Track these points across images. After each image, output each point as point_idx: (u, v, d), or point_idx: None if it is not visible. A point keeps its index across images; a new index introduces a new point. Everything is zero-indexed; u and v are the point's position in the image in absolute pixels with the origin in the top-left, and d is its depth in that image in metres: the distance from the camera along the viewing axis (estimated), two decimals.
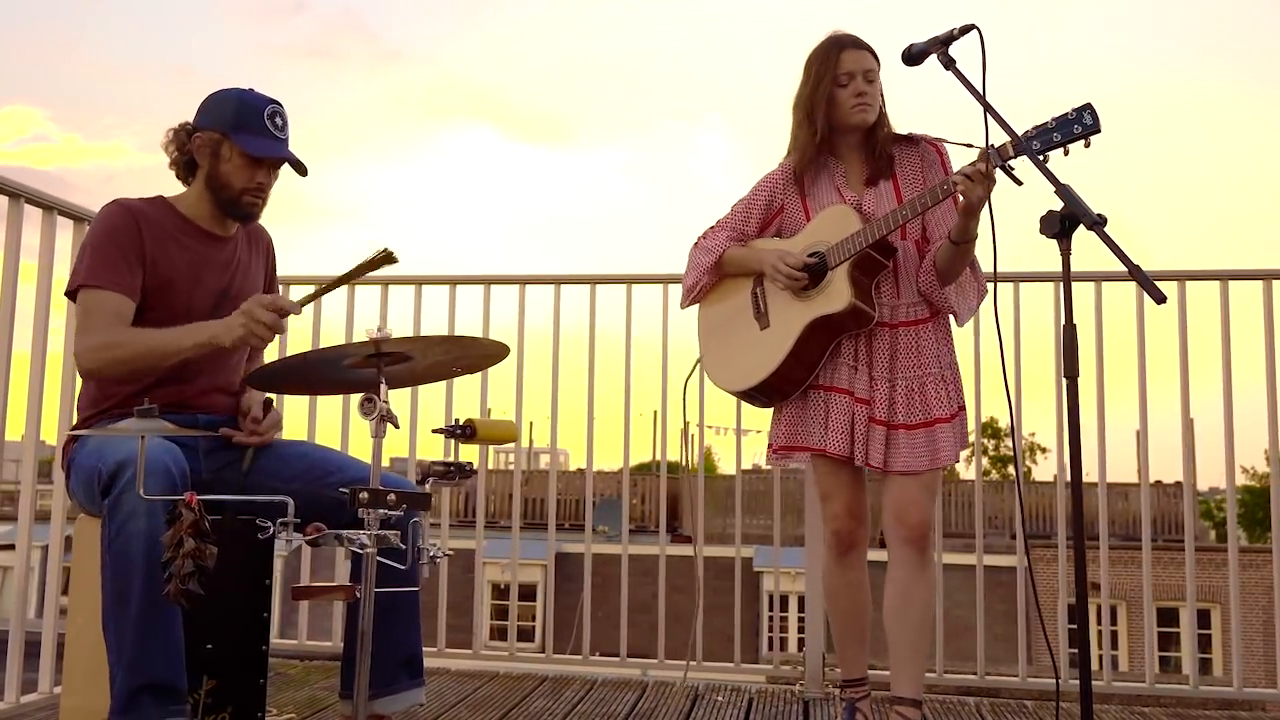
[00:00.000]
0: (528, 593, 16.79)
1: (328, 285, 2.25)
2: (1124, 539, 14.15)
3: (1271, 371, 3.10)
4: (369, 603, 1.79)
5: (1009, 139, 2.14)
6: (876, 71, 2.42)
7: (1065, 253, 1.98)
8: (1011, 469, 35.45)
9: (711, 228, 2.61)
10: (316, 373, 1.93)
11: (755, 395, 2.52)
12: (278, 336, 2.15)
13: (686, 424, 3.80)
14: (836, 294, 2.37)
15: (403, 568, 2.05)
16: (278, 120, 2.28)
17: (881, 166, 2.47)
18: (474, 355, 1.99)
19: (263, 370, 1.90)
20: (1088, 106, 2.08)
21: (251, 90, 2.30)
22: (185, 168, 2.32)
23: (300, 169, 2.30)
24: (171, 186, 2.34)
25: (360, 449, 3.29)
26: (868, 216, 2.38)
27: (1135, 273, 1.87)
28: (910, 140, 2.49)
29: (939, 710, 3.01)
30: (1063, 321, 1.99)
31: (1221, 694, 3.16)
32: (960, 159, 2.35)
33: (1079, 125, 2.07)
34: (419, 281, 3.51)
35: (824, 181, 2.50)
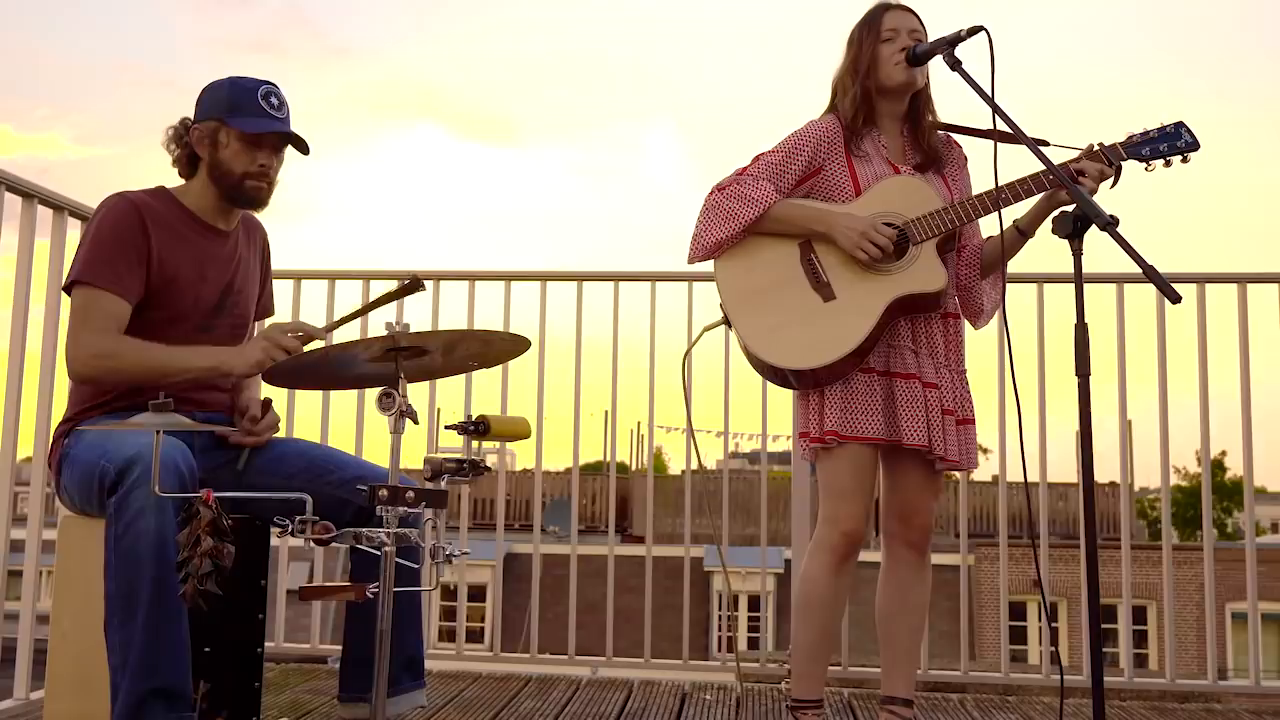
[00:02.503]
0: (475, 593, 16.65)
1: (355, 313, 2.24)
2: (1063, 538, 14.46)
3: (1246, 376, 3.17)
4: (388, 603, 1.75)
5: (1118, 141, 2.21)
6: (922, 33, 2.31)
7: (1077, 253, 2.00)
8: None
9: (742, 174, 2.33)
10: (333, 369, 1.88)
11: (807, 375, 2.27)
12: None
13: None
14: (930, 272, 2.25)
15: (416, 566, 2.02)
16: (273, 100, 2.22)
17: (930, 156, 2.37)
18: (494, 350, 1.95)
19: (281, 366, 1.86)
20: (1183, 123, 2.18)
21: (243, 75, 2.25)
22: (188, 163, 2.26)
23: (302, 146, 2.25)
24: (108, 181, 2.28)
25: (340, 442, 3.23)
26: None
27: (1150, 273, 1.89)
28: (947, 140, 2.43)
29: (925, 706, 3.03)
30: (1074, 321, 2.00)
31: (1196, 687, 3.23)
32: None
33: (1180, 141, 2.18)
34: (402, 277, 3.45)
35: (870, 150, 2.35)
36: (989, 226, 2.43)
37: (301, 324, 2.08)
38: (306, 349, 2.07)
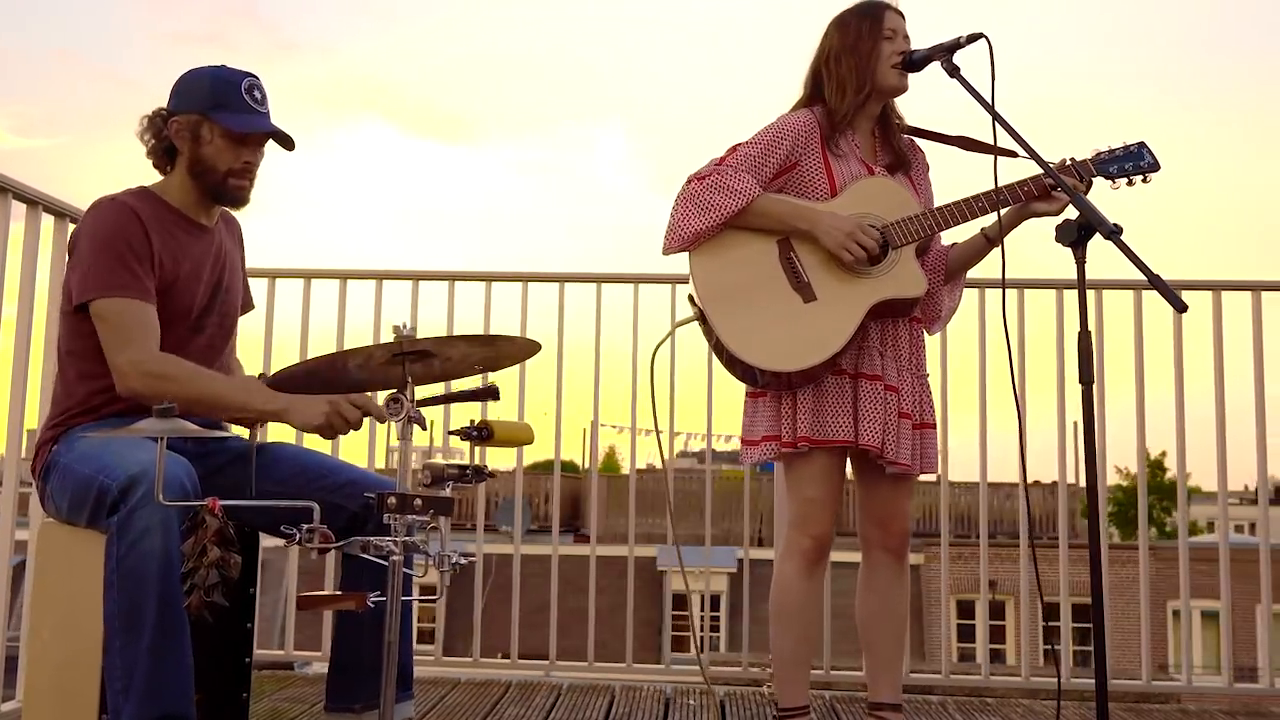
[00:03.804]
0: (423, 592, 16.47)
1: (430, 400, 2.11)
2: (1009, 536, 14.65)
3: (1214, 382, 3.23)
4: (397, 612, 1.71)
5: (1087, 158, 2.24)
6: (910, 40, 2.30)
7: (1080, 261, 2.02)
8: None
9: (721, 165, 2.27)
10: (339, 374, 1.83)
11: (782, 376, 2.23)
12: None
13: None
14: (913, 277, 2.25)
15: (413, 574, 1.98)
16: (256, 94, 2.15)
17: (899, 159, 2.37)
18: (501, 353, 1.92)
19: (286, 371, 1.81)
20: (1144, 144, 2.23)
21: (224, 66, 2.17)
22: (165, 155, 2.19)
23: (287, 143, 2.19)
24: (48, 172, 2.20)
25: (314, 443, 3.16)
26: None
27: (1155, 282, 1.91)
28: (911, 145, 2.44)
29: (905, 709, 3.04)
30: (1078, 329, 2.01)
31: (1172, 689, 3.28)
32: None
33: (1143, 161, 2.23)
34: (380, 276, 3.40)
35: (846, 149, 2.33)
36: (952, 233, 2.47)
37: (369, 401, 1.99)
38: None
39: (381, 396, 1.78)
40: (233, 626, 2.16)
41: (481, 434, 1.95)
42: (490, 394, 1.92)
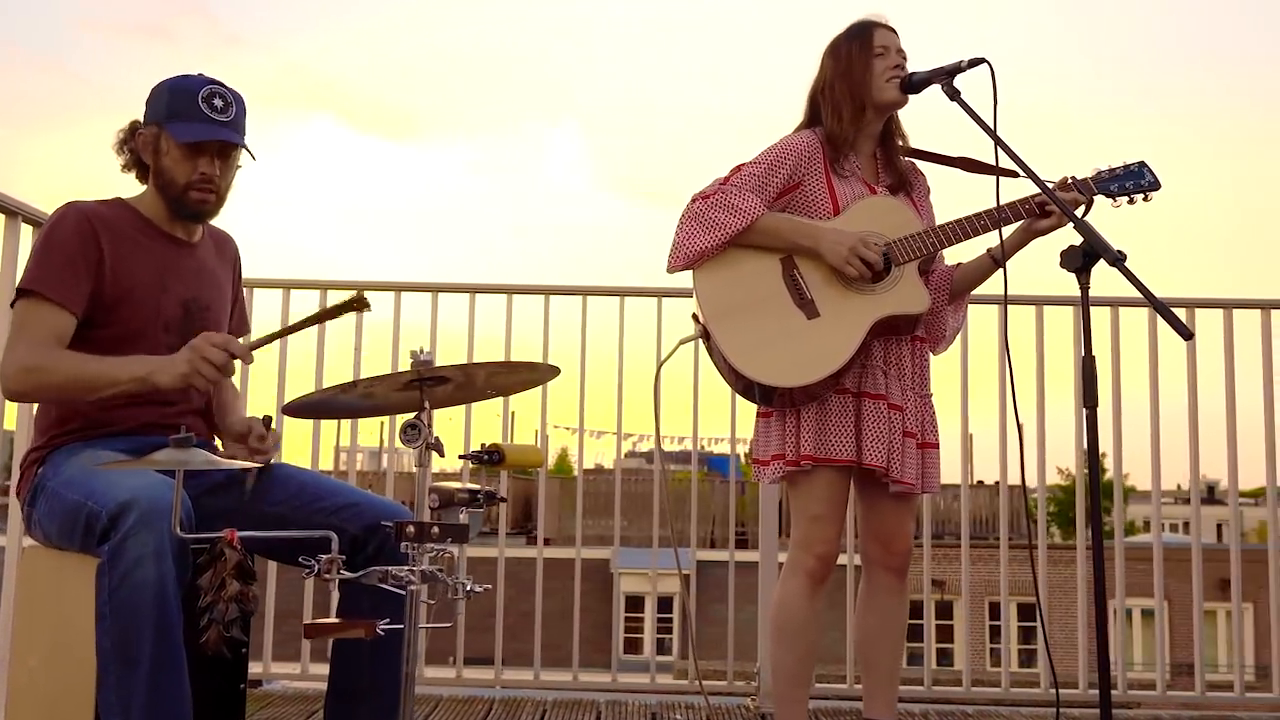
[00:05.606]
0: None
1: (285, 330, 2.12)
2: (957, 539, 14.78)
3: (1198, 396, 3.30)
4: (414, 642, 1.68)
5: (1088, 176, 2.25)
6: (905, 54, 2.33)
7: (1084, 286, 2.04)
8: None
9: (725, 184, 2.29)
10: (356, 402, 1.80)
11: (785, 393, 2.25)
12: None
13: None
14: (915, 293, 2.28)
15: (429, 602, 1.94)
16: (216, 102, 2.07)
17: (901, 179, 2.40)
18: (520, 377, 1.89)
19: (306, 400, 1.77)
20: (1145, 163, 2.25)
21: (195, 75, 2.11)
22: (139, 168, 2.14)
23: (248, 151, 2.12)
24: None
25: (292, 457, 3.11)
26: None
27: (1160, 309, 1.94)
28: (912, 167, 2.47)
29: None
30: (1081, 352, 2.04)
31: (1145, 698, 3.35)
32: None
33: (1144, 180, 2.26)
34: (362, 288, 3.33)
35: (848, 170, 2.36)
36: (955, 253, 2.49)
37: (228, 339, 1.95)
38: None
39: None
40: (229, 653, 2.10)
41: (493, 458, 1.93)
42: (359, 305, 1.85)
